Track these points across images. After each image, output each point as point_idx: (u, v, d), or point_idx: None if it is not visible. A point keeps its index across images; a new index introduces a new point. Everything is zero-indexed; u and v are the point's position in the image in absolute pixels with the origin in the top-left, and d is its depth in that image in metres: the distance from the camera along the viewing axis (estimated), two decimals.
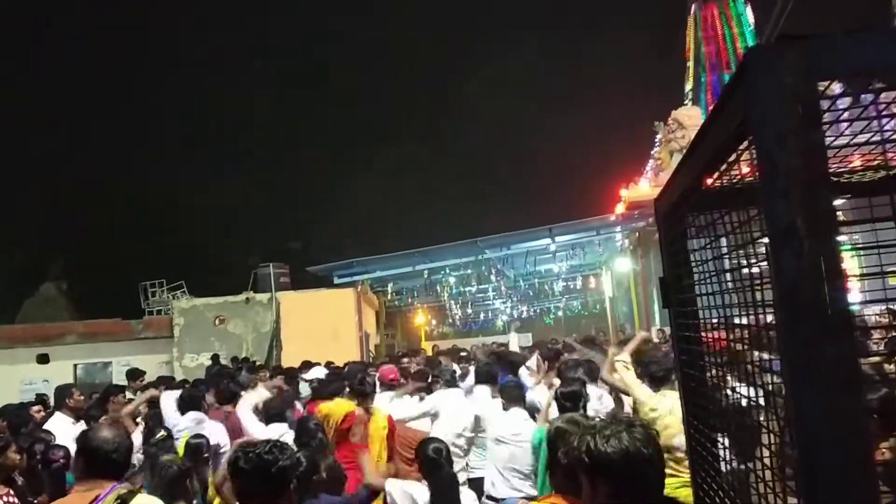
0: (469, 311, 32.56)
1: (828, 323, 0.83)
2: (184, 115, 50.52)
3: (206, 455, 4.58)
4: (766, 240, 1.09)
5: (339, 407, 5.24)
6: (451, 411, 5.45)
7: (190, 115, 51.83)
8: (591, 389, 5.75)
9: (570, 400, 4.27)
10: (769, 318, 1.22)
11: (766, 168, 0.85)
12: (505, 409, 4.86)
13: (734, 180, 1.32)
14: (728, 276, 1.41)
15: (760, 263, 1.20)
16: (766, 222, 0.87)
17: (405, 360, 10.27)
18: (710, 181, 1.36)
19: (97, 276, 27.60)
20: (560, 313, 35.66)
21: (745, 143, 1.00)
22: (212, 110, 52.16)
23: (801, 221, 0.82)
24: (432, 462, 3.84)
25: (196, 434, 4.81)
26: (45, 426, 5.56)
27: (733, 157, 1.14)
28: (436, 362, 9.24)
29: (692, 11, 34.29)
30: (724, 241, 1.46)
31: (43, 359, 15.79)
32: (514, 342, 7.25)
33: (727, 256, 1.42)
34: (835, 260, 0.83)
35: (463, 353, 11.98)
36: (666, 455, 2.06)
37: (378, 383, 6.36)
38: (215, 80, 53.48)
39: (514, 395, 4.92)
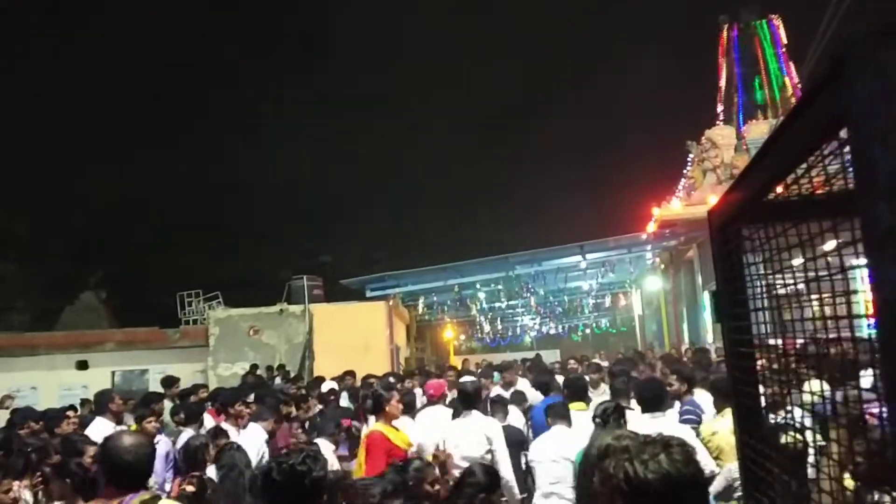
0: (498, 326, 32.43)
1: None
2: (221, 132, 51.61)
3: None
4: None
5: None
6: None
7: (226, 132, 52.94)
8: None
9: (602, 416, 4.18)
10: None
11: (864, 168, 0.80)
12: (549, 425, 4.78)
13: (808, 189, 1.26)
14: (801, 288, 1.34)
15: (843, 275, 1.15)
16: (863, 227, 0.82)
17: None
18: (780, 189, 1.31)
19: (136, 286, 28.18)
20: (588, 331, 35.37)
21: (835, 145, 0.95)
22: (247, 128, 53.21)
23: None
24: None
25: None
26: (87, 431, 5.61)
27: (815, 159, 1.09)
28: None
29: (724, 32, 34.04)
30: (784, 252, 1.41)
31: (82, 365, 16.08)
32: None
33: (798, 269, 1.35)
34: None
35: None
36: None
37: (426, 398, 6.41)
38: (248, 99, 54.61)
39: (560, 413, 4.84)
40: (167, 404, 7.60)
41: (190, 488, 3.81)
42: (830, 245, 1.18)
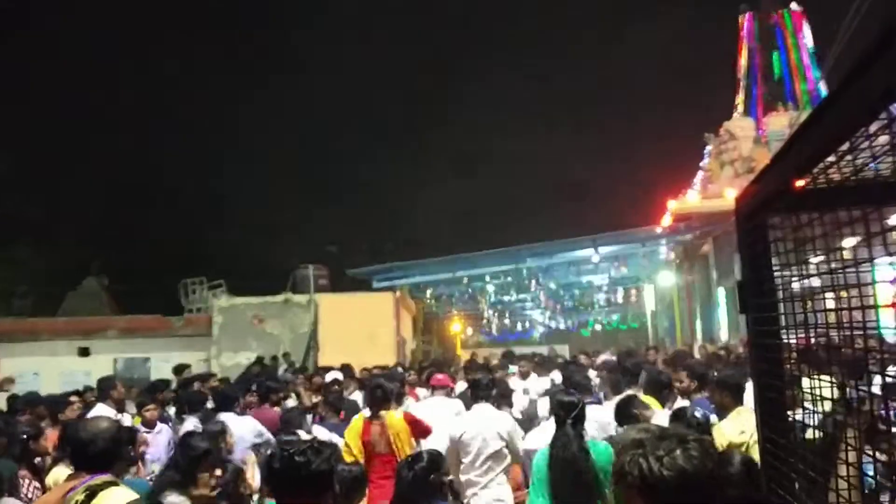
0: (506, 320, 32.29)
1: None
2: (227, 120, 51.67)
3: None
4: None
5: (355, 422, 5.16)
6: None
7: (233, 120, 52.97)
8: None
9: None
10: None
11: None
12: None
13: (847, 174, 1.18)
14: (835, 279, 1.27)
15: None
16: None
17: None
18: (816, 171, 1.23)
19: (139, 272, 28.12)
20: (598, 326, 35.21)
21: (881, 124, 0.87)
22: (255, 115, 53.24)
23: None
24: None
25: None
26: (88, 416, 5.58)
27: (856, 139, 1.01)
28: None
29: (744, 23, 33.65)
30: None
31: (84, 352, 16.02)
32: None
33: (836, 260, 1.28)
34: None
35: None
36: None
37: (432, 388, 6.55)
38: (256, 88, 54.59)
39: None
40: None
41: (218, 472, 3.71)
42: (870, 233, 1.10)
